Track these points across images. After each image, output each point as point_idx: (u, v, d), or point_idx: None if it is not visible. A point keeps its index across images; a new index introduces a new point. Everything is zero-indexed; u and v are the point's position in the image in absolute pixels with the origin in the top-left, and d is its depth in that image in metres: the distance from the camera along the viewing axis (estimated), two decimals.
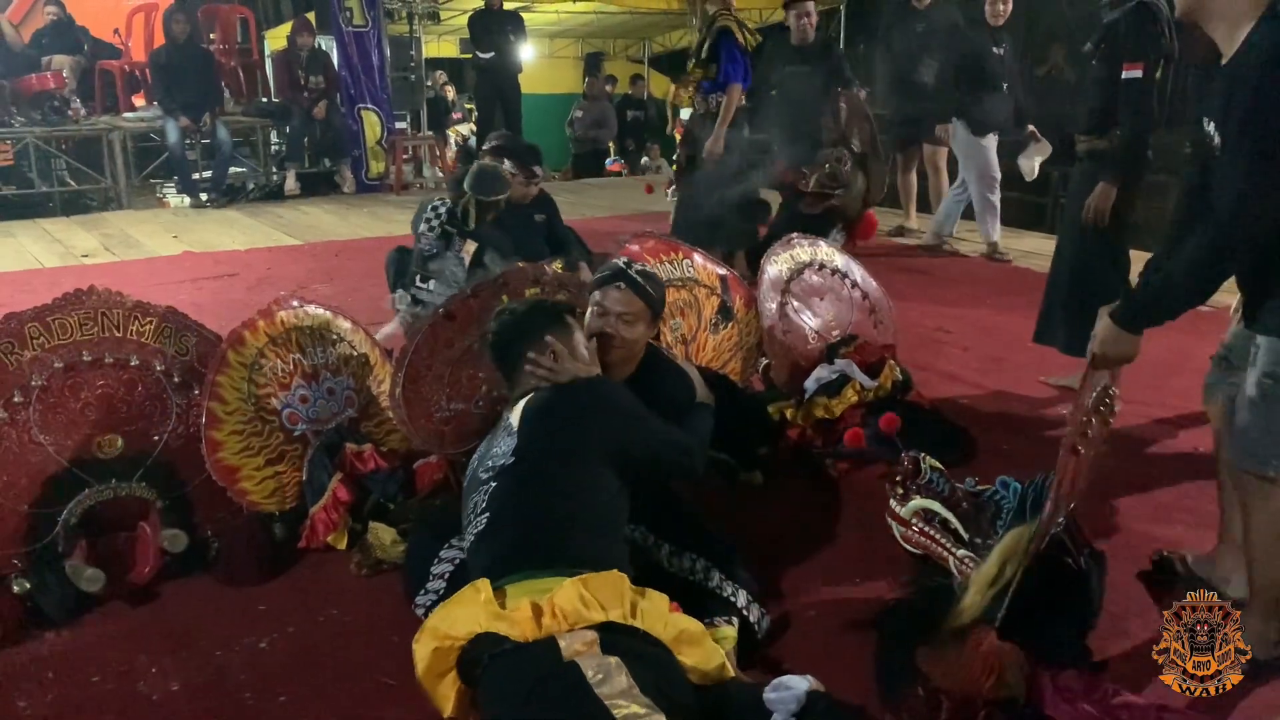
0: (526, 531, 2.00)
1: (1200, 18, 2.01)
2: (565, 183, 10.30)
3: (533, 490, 2.05)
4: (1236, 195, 1.88)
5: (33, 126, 8.14)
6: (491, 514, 2.05)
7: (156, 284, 5.76)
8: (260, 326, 2.86)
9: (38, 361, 2.53)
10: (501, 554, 1.98)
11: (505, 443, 2.15)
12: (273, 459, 2.79)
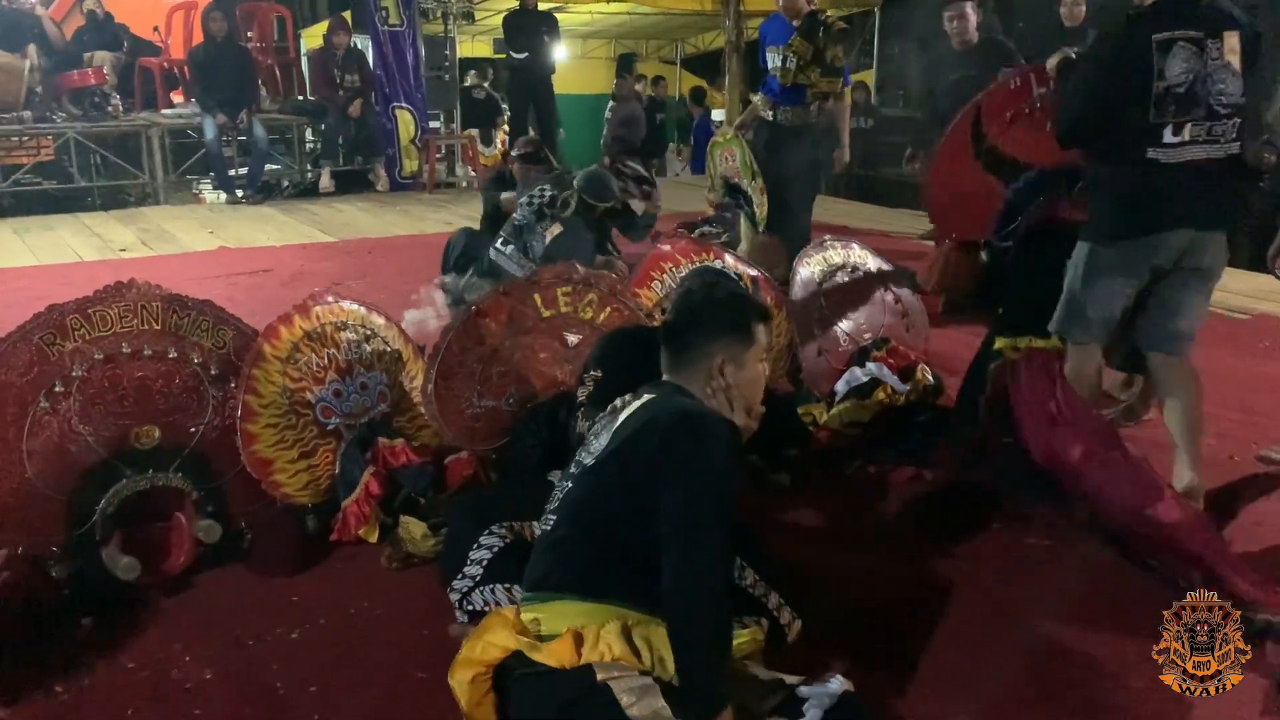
0: (583, 551, 1.84)
1: None
2: None
3: (602, 508, 1.83)
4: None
5: (74, 122, 8.26)
6: (558, 518, 1.90)
7: (192, 279, 5.82)
8: (296, 321, 2.89)
9: (78, 353, 2.57)
10: (551, 570, 1.86)
11: (604, 438, 1.90)
12: (306, 452, 2.83)
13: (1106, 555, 2.66)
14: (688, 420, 1.77)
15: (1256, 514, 2.93)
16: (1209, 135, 2.68)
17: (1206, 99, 2.66)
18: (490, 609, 2.28)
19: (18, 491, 2.47)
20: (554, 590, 1.83)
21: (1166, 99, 2.65)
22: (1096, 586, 2.56)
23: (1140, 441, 3.29)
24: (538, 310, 3.13)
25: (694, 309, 2.04)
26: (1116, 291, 2.84)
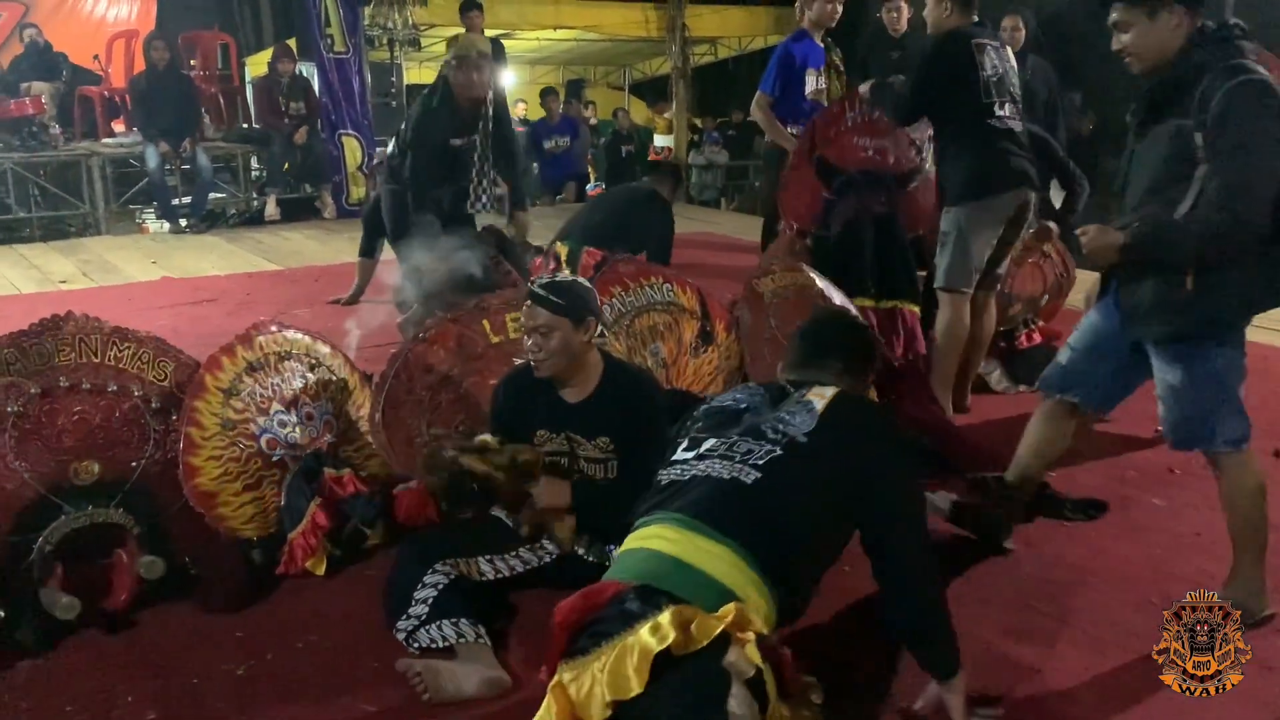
0: (772, 516, 1.90)
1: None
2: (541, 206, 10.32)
3: (807, 486, 1.94)
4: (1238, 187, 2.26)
5: (11, 152, 8.11)
6: (763, 475, 1.92)
7: (135, 310, 5.73)
8: (239, 352, 2.85)
9: (14, 387, 2.51)
10: (733, 513, 1.89)
11: (802, 417, 2.01)
12: (251, 484, 2.78)
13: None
14: (895, 431, 2.15)
15: None
16: (1014, 112, 3.63)
17: (1008, 87, 3.60)
18: (438, 645, 2.27)
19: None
20: (722, 532, 1.86)
21: (989, 85, 3.54)
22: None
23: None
24: (486, 336, 3.12)
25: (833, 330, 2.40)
26: (988, 242, 3.65)
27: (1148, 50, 2.40)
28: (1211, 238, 2.27)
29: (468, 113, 4.46)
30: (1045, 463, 2.86)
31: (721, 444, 2.00)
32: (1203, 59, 2.31)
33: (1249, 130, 2.22)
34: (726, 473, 1.94)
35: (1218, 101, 2.24)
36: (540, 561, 2.56)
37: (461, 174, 4.58)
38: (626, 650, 1.65)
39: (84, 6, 10.83)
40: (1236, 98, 2.23)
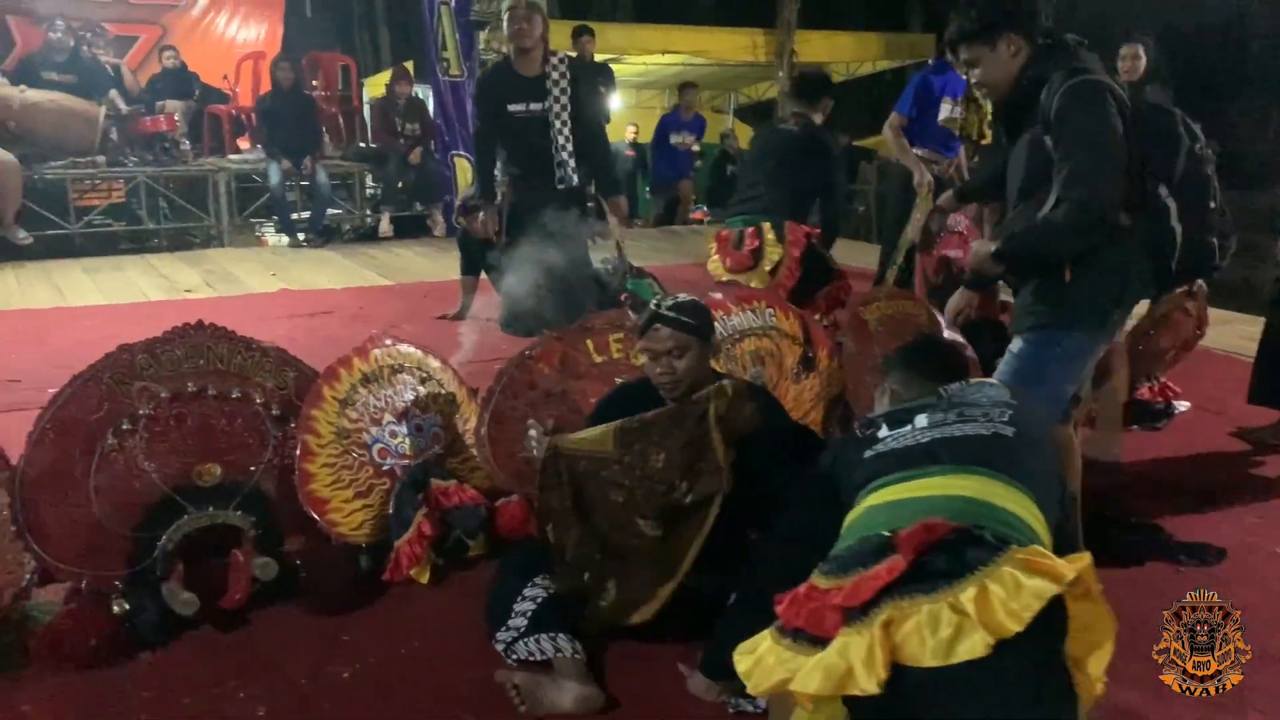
0: (1038, 473, 1.81)
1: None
2: (644, 228, 10.42)
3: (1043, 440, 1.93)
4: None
5: (144, 166, 8.54)
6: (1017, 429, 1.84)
7: (254, 319, 5.95)
8: (355, 364, 2.96)
9: (146, 391, 2.64)
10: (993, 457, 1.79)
11: (992, 390, 1.97)
12: (361, 492, 2.87)
13: None
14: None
15: None
16: None
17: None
18: (536, 658, 2.30)
19: (83, 526, 2.54)
20: (1013, 479, 1.75)
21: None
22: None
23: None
24: (590, 356, 3.16)
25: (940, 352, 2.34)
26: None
27: (997, 79, 2.57)
28: (1065, 229, 2.41)
29: (526, 80, 4.25)
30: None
31: (942, 419, 1.89)
32: (1040, 72, 2.48)
33: (1084, 122, 2.38)
34: (984, 429, 1.84)
35: (1055, 102, 2.40)
36: None
37: (532, 149, 4.36)
38: (998, 585, 1.49)
39: (216, 29, 11.36)
40: (1071, 96, 2.39)
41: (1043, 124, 2.47)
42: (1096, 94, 2.40)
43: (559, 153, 4.26)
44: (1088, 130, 2.38)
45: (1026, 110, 2.52)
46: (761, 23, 12.51)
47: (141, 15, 10.84)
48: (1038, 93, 2.46)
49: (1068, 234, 2.42)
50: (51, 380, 2.71)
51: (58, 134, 8.07)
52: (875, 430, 1.95)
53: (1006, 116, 2.67)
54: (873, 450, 1.91)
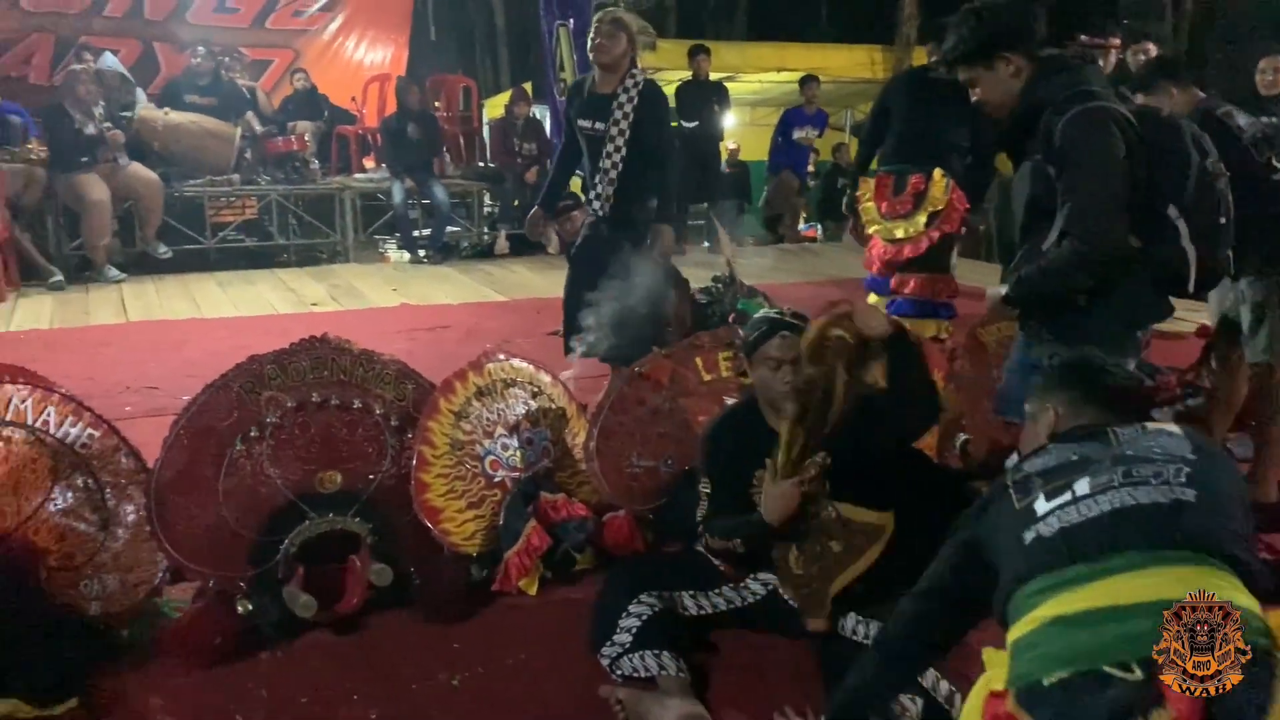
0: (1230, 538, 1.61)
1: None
2: (756, 247, 10.38)
3: (1229, 495, 1.67)
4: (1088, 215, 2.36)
5: (276, 185, 8.92)
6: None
7: (376, 333, 6.15)
8: (470, 378, 3.02)
9: (273, 401, 2.75)
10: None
11: (1168, 440, 1.73)
12: (474, 503, 2.93)
13: None
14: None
15: None
16: None
17: None
18: (640, 674, 2.30)
19: (212, 528, 2.66)
20: (1211, 556, 1.58)
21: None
22: None
23: None
24: (699, 374, 3.17)
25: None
26: None
27: (997, 99, 2.52)
28: (1070, 267, 2.38)
29: (600, 96, 4.08)
30: None
31: (1107, 480, 1.66)
32: (1042, 94, 2.42)
33: (1086, 155, 2.33)
34: (1161, 496, 1.62)
35: (1059, 133, 2.35)
36: (744, 602, 2.55)
37: (594, 169, 4.16)
38: None
39: (345, 52, 11.79)
40: (1074, 127, 2.33)
41: (1044, 150, 2.42)
42: (1098, 124, 2.34)
43: (600, 177, 4.09)
44: (1090, 163, 2.34)
45: (1029, 134, 2.48)
46: (879, 39, 12.38)
47: (277, 40, 11.34)
48: (1038, 116, 2.42)
49: (1073, 271, 2.39)
50: (186, 388, 2.85)
51: (197, 154, 8.50)
52: (1030, 500, 1.71)
53: (1010, 139, 2.63)
54: (1032, 532, 1.67)
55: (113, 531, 2.63)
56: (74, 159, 7.43)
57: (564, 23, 9.13)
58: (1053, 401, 1.98)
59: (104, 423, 2.68)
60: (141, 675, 2.45)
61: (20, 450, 2.59)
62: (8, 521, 2.56)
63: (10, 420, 2.60)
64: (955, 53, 2.53)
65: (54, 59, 10.10)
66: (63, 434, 2.64)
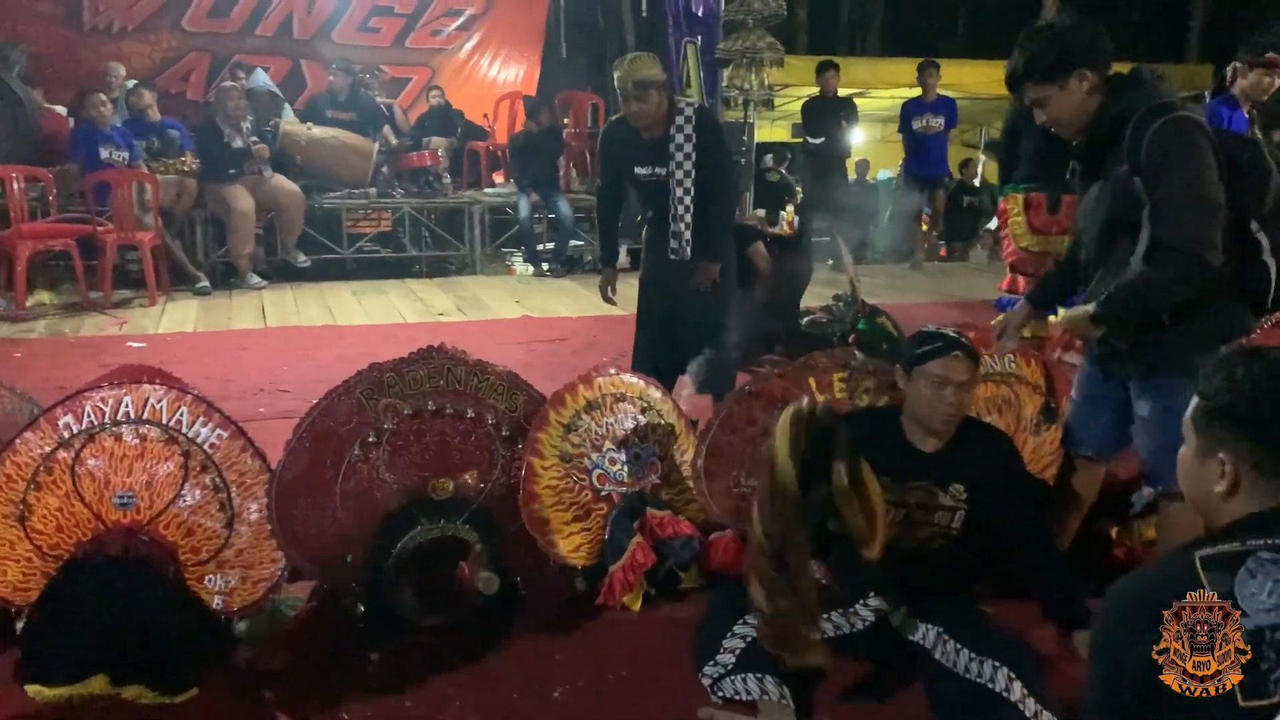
0: None
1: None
2: (883, 265, 10.18)
3: None
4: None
5: (410, 198, 9.21)
6: None
7: (496, 343, 6.28)
8: (580, 391, 3.05)
9: (390, 408, 2.83)
10: None
11: None
12: (580, 516, 2.95)
13: None
14: None
15: None
16: None
17: None
18: (742, 697, 2.27)
19: (329, 530, 2.74)
20: None
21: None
22: None
23: None
24: (812, 394, 3.12)
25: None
26: None
27: (1070, 118, 2.48)
28: (1168, 280, 2.32)
29: (650, 142, 3.89)
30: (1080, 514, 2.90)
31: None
32: (1122, 107, 2.37)
33: (1179, 165, 2.26)
34: None
35: (1148, 143, 2.28)
36: (852, 629, 2.50)
37: (660, 214, 4.03)
38: None
39: (479, 70, 12.12)
40: (1164, 136, 2.27)
41: (1129, 164, 2.35)
42: (1189, 133, 2.28)
43: (675, 223, 3.95)
44: (1184, 174, 2.27)
45: (1109, 149, 2.42)
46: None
47: (415, 59, 11.74)
48: (1120, 128, 2.36)
49: (1172, 285, 2.33)
50: (316, 392, 2.95)
51: (336, 168, 8.85)
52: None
53: (1088, 156, 2.53)
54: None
55: (236, 529, 2.74)
56: (222, 171, 7.84)
57: (691, 40, 9.19)
58: (1228, 452, 1.45)
59: (232, 424, 2.80)
60: (257, 669, 2.55)
61: (155, 448, 2.73)
62: (142, 515, 2.70)
63: (147, 419, 2.75)
64: (1028, 70, 2.48)
65: (209, 76, 10.70)
66: (194, 433, 2.76)
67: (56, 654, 2.42)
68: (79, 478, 2.69)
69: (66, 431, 2.70)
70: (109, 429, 2.72)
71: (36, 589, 2.62)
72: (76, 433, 2.70)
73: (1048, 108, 2.49)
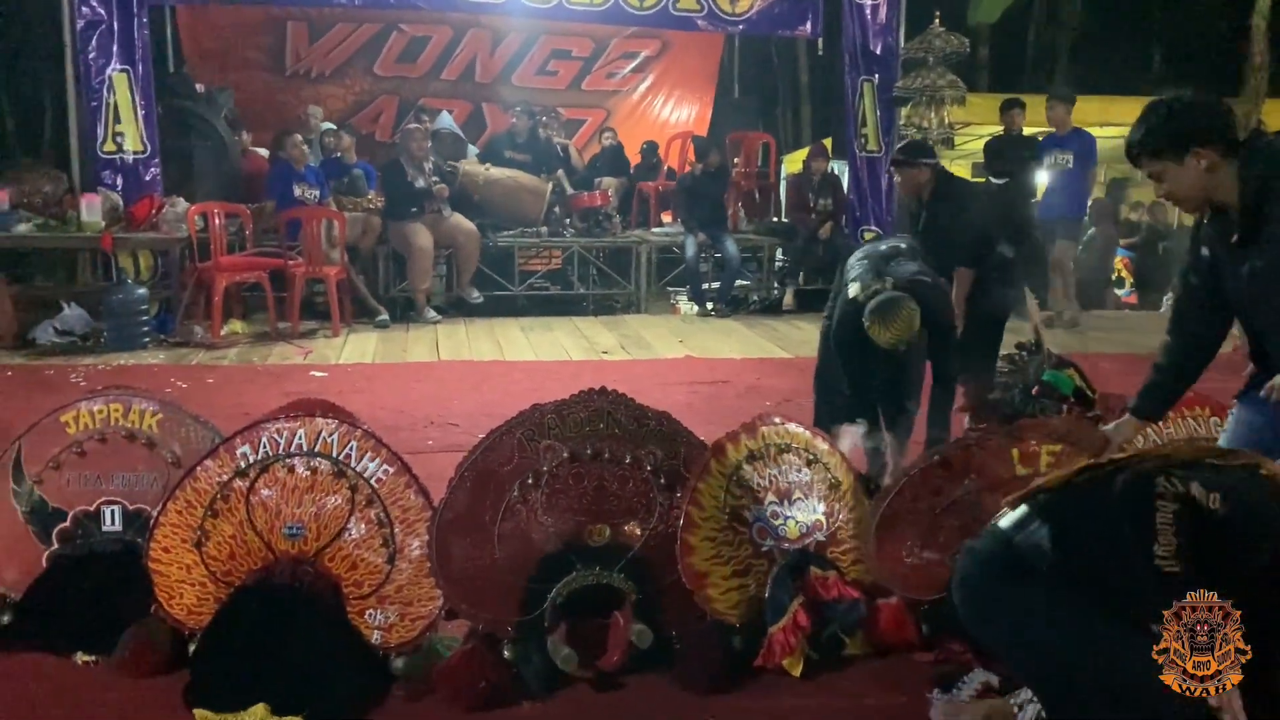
0: None
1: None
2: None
3: None
4: None
5: (579, 237, 9.36)
6: None
7: (658, 383, 6.25)
8: (743, 439, 2.95)
9: (550, 450, 2.80)
10: None
11: None
12: (739, 571, 2.84)
13: None
14: None
15: None
16: None
17: None
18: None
19: (485, 572, 2.73)
20: None
21: None
22: None
23: None
24: (1012, 466, 2.88)
25: None
26: None
27: (1190, 192, 2.45)
28: None
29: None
30: None
31: None
32: (1263, 169, 2.35)
33: None
34: None
35: None
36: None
37: None
38: None
39: (651, 110, 12.27)
40: None
41: None
42: None
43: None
44: None
45: (1264, 208, 2.36)
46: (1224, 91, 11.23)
47: (591, 100, 12.00)
48: (1271, 187, 2.34)
49: None
50: (482, 426, 2.97)
51: (510, 207, 9.09)
52: None
53: (1242, 225, 2.41)
54: None
55: (398, 565, 2.76)
56: (405, 209, 8.17)
57: (868, 79, 9.01)
58: None
59: (398, 459, 2.83)
60: (411, 708, 2.54)
61: (325, 481, 2.79)
62: (309, 546, 2.76)
63: (319, 451, 2.81)
64: (1144, 145, 2.45)
65: (396, 118, 11.23)
66: (362, 467, 2.81)
67: (222, 679, 2.49)
68: (253, 507, 2.78)
69: (243, 461, 2.80)
70: (283, 460, 2.80)
71: (208, 614, 2.71)
72: (252, 462, 2.80)
73: (1164, 182, 2.48)
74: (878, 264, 3.98)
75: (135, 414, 3.01)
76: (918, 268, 3.97)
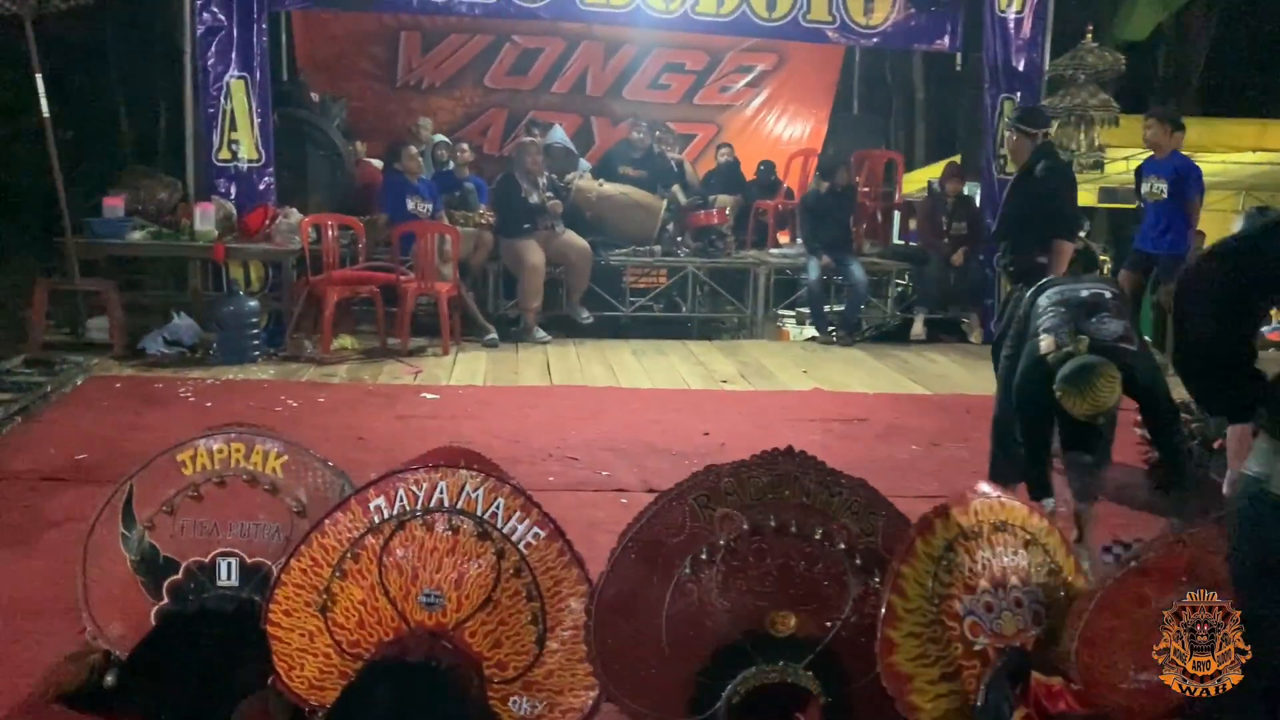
0: None
1: None
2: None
3: None
4: None
5: (693, 257, 8.97)
6: None
7: (786, 420, 5.83)
8: (952, 515, 2.50)
9: (728, 520, 2.41)
10: None
11: None
12: (948, 673, 2.39)
13: None
14: None
15: None
16: None
17: None
18: None
19: (650, 661, 2.35)
20: None
21: None
22: None
23: None
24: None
25: None
26: None
27: None
28: None
29: None
30: None
31: None
32: None
33: None
34: None
35: None
36: None
37: None
38: None
39: (765, 126, 11.87)
40: None
41: None
42: None
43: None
44: None
45: None
46: None
47: (702, 115, 11.64)
48: None
49: None
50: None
51: (623, 224, 8.76)
52: None
53: None
54: None
55: (548, 646, 2.40)
56: (517, 225, 7.89)
57: (1010, 96, 8.47)
58: None
59: (550, 522, 2.47)
60: None
61: (468, 543, 2.44)
62: (448, 618, 2.41)
63: (462, 508, 2.46)
64: None
65: (505, 131, 11.03)
66: (509, 529, 2.46)
67: None
68: (386, 569, 2.44)
69: (377, 515, 2.47)
70: (421, 516, 2.46)
71: (332, 689, 2.39)
72: (387, 518, 2.46)
73: None
74: (1076, 315, 3.51)
75: (259, 455, 2.70)
76: (1123, 330, 3.48)
